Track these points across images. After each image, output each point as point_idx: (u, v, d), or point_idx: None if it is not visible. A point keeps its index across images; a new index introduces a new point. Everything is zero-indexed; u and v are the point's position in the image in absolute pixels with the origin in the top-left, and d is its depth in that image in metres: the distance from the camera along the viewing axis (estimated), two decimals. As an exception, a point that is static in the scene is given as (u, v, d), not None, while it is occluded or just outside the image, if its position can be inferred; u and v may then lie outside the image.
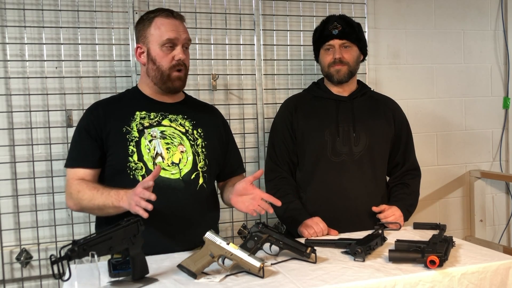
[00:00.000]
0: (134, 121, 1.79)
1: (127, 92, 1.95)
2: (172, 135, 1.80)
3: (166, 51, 1.78)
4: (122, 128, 1.77)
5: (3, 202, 2.29)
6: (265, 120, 2.63)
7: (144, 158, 1.74)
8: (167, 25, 1.78)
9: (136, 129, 1.77)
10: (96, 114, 1.80)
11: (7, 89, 2.28)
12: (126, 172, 1.72)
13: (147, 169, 1.73)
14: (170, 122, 1.83)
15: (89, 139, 1.77)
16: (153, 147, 1.76)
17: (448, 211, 3.10)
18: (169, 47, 1.78)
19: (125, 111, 1.81)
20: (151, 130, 1.78)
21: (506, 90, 3.17)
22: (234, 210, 2.60)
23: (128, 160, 1.73)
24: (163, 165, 1.74)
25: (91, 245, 1.30)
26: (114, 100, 1.92)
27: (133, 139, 1.75)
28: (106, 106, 1.84)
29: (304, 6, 2.71)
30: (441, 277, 1.44)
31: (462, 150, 3.10)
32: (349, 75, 2.14)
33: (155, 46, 1.78)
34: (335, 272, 1.46)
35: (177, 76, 1.80)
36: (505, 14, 3.13)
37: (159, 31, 1.78)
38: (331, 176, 2.08)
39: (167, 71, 1.79)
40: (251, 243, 1.58)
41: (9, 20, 2.27)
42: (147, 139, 1.76)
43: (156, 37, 1.78)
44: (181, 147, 1.79)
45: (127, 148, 1.74)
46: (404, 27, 2.94)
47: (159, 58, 1.78)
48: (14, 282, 2.31)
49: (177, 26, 1.79)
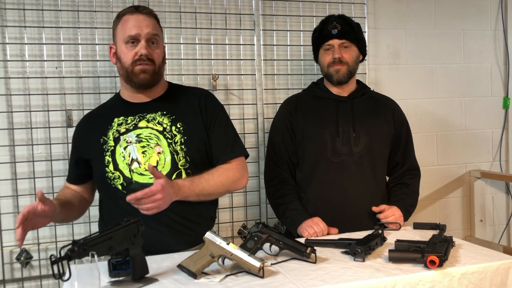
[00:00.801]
0: (111, 129, 1.79)
1: (111, 100, 1.95)
2: (148, 136, 1.76)
3: (130, 47, 1.75)
4: (100, 139, 1.78)
5: (3, 202, 2.29)
6: (265, 120, 2.63)
7: (120, 167, 1.73)
8: (130, 21, 1.75)
9: (112, 137, 1.77)
10: (79, 129, 1.89)
11: (7, 89, 2.28)
12: (106, 182, 1.74)
13: (124, 177, 1.72)
14: (147, 122, 1.79)
15: (74, 156, 1.88)
16: (128, 154, 1.74)
17: (448, 211, 3.10)
18: (132, 44, 1.75)
19: (103, 120, 1.82)
20: (127, 136, 1.77)
21: (506, 90, 3.17)
22: (234, 210, 2.60)
23: (105, 170, 1.74)
24: (140, 170, 1.72)
25: (91, 245, 1.30)
26: (97, 110, 1.93)
27: (108, 149, 1.76)
28: (89, 119, 1.90)
29: (304, 6, 2.71)
30: (441, 277, 1.44)
31: (462, 150, 3.10)
32: (349, 75, 2.14)
33: (120, 44, 1.77)
34: (335, 272, 1.46)
35: (140, 69, 1.74)
36: (505, 14, 3.13)
37: (123, 29, 1.76)
38: (331, 176, 2.08)
39: (130, 67, 1.75)
40: (251, 243, 1.57)
41: (9, 20, 2.27)
42: (122, 146, 1.75)
43: (120, 35, 1.76)
44: (158, 148, 1.75)
45: (103, 158, 1.75)
46: (404, 27, 2.94)
47: (123, 55, 1.76)
48: (14, 282, 2.31)
49: (140, 21, 1.74)
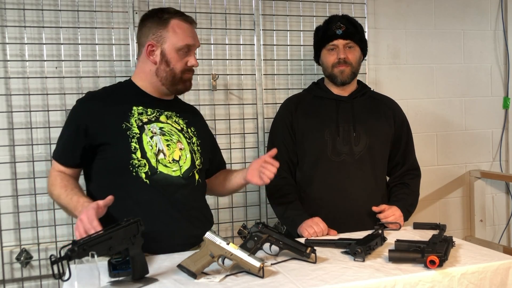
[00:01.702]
0: (132, 117, 1.76)
1: (120, 85, 1.89)
2: (170, 132, 1.80)
3: (182, 55, 1.79)
4: (121, 124, 1.73)
5: (3, 202, 2.29)
6: (265, 120, 2.63)
7: (148, 155, 1.72)
8: (186, 31, 1.79)
9: (136, 125, 1.75)
10: (91, 107, 1.76)
11: (7, 89, 2.28)
12: (128, 169, 1.70)
13: (150, 166, 1.71)
14: (166, 118, 1.82)
15: (75, 134, 1.73)
16: (154, 144, 1.75)
17: (448, 211, 3.10)
18: (185, 52, 1.79)
19: (122, 106, 1.77)
20: (151, 126, 1.77)
21: (506, 90, 3.17)
22: (234, 210, 2.60)
23: (131, 157, 1.70)
24: (165, 162, 1.74)
25: (91, 245, 1.30)
26: (108, 93, 1.85)
27: (134, 136, 1.73)
28: (101, 100, 1.79)
29: (304, 6, 2.71)
30: (441, 277, 1.44)
31: (462, 150, 3.10)
32: (352, 76, 2.13)
33: (171, 49, 1.78)
34: (335, 272, 1.46)
35: (189, 78, 1.83)
36: (505, 14, 3.13)
37: (177, 35, 1.77)
38: (332, 176, 2.08)
39: (179, 74, 1.80)
40: (251, 243, 1.57)
41: (9, 20, 2.28)
42: (148, 135, 1.75)
43: (173, 40, 1.77)
44: (179, 144, 1.80)
45: (129, 145, 1.71)
46: (404, 27, 2.94)
47: (174, 61, 1.78)
48: (14, 282, 2.31)
49: (193, 32, 1.83)
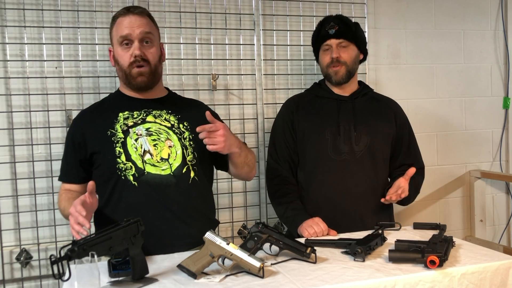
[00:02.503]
0: (117, 123, 1.78)
1: (109, 96, 1.95)
2: (158, 131, 1.79)
3: (124, 49, 1.76)
4: (107, 131, 1.77)
5: (3, 202, 2.29)
6: (265, 120, 2.63)
7: (132, 157, 1.73)
8: (122, 23, 1.76)
9: (121, 130, 1.77)
10: (80, 124, 1.83)
11: (7, 89, 2.28)
12: (116, 174, 1.73)
13: (136, 168, 1.73)
14: (154, 118, 1.81)
15: (73, 152, 1.81)
16: (139, 145, 1.75)
17: (448, 211, 3.10)
18: (126, 45, 1.76)
19: (108, 115, 1.81)
20: (136, 128, 1.77)
21: (506, 90, 3.17)
22: (234, 210, 2.60)
23: (116, 161, 1.73)
24: (152, 161, 1.74)
25: (91, 245, 1.30)
26: (96, 106, 1.91)
27: (118, 140, 1.75)
28: (90, 114, 1.86)
29: (304, 6, 2.71)
30: (441, 277, 1.44)
31: (462, 150, 3.10)
32: (348, 76, 2.13)
33: (116, 46, 1.78)
34: (335, 272, 1.46)
35: (137, 72, 1.76)
36: (505, 14, 3.13)
37: (117, 30, 1.77)
38: (333, 175, 2.08)
39: (127, 69, 1.77)
40: (251, 243, 1.57)
41: (9, 20, 2.27)
42: (132, 138, 1.76)
43: (115, 36, 1.78)
44: (168, 142, 1.78)
45: (114, 150, 1.74)
46: (404, 27, 2.94)
47: (119, 57, 1.78)
48: (14, 282, 2.30)
49: (131, 22, 1.75)
